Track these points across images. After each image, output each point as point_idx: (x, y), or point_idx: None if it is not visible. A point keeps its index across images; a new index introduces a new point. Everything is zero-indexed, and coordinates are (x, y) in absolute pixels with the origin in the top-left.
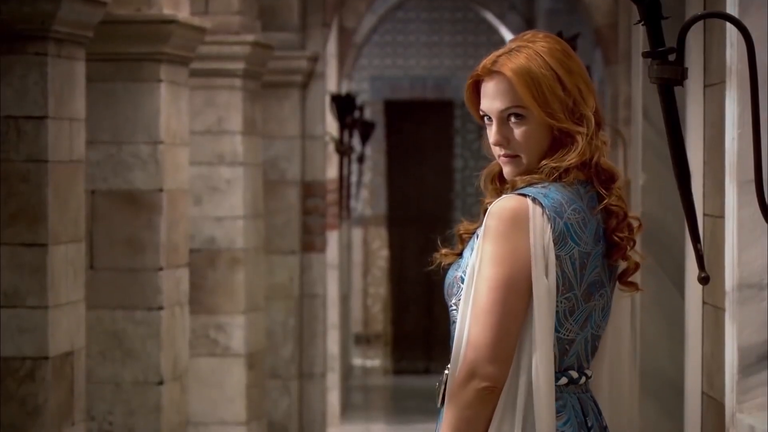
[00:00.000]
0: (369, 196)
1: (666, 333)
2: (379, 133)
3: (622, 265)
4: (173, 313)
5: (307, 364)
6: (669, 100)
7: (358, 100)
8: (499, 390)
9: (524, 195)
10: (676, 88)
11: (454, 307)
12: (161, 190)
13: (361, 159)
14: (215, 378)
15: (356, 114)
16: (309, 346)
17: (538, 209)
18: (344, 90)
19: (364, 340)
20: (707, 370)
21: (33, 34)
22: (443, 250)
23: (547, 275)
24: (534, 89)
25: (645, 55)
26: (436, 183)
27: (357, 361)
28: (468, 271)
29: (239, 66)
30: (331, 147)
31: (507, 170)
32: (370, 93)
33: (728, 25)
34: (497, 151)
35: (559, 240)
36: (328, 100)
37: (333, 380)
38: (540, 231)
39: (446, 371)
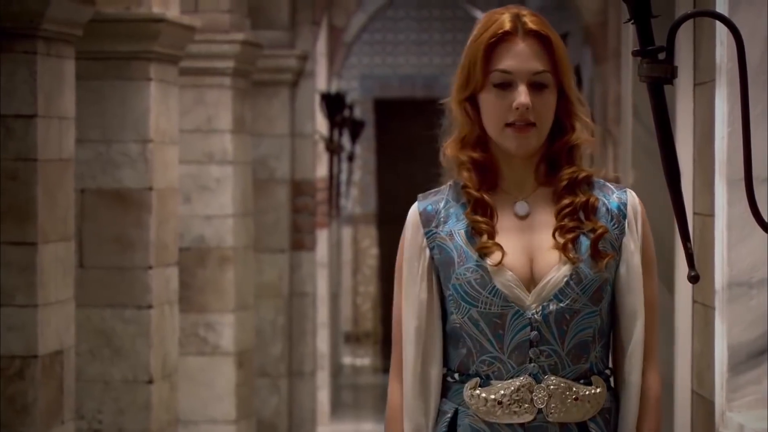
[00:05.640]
0: (358, 194)
1: None
2: (368, 132)
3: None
4: (162, 311)
5: (296, 362)
6: (659, 98)
7: (348, 99)
8: None
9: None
10: (666, 87)
11: (595, 310)
12: (150, 189)
13: (350, 157)
14: (205, 376)
15: (346, 112)
16: (298, 344)
17: None
18: (334, 88)
19: (353, 339)
20: (697, 369)
21: (22, 32)
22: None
23: None
24: (567, 58)
25: (634, 53)
26: (425, 181)
27: (347, 359)
28: (626, 270)
29: (228, 64)
30: (321, 145)
31: (522, 142)
32: (359, 91)
33: (718, 23)
34: (512, 117)
35: None
36: (317, 98)
37: (322, 379)
38: None
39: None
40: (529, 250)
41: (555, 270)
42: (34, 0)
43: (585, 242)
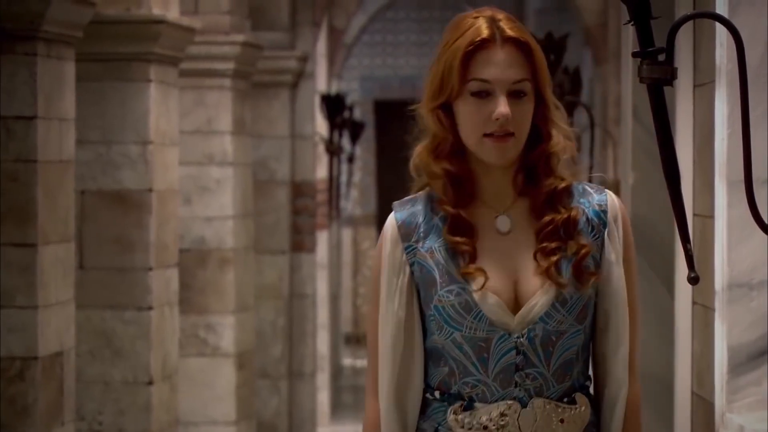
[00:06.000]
0: (358, 195)
1: (656, 333)
2: (368, 133)
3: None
4: (163, 312)
5: (296, 363)
6: (658, 99)
7: (348, 100)
8: None
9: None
10: (666, 88)
11: (580, 329)
12: (151, 190)
13: (350, 159)
14: (205, 378)
15: (346, 114)
16: (298, 345)
17: None
18: (334, 90)
19: (353, 340)
20: (697, 370)
21: (22, 33)
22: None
23: None
24: (544, 63)
25: (634, 54)
26: None
27: (347, 360)
28: (608, 284)
29: (229, 66)
30: (321, 147)
31: (501, 152)
32: (359, 93)
33: (718, 24)
34: (491, 128)
35: None
36: (317, 99)
37: (323, 380)
38: None
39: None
40: (513, 271)
41: (540, 294)
42: (34, 1)
43: (568, 263)
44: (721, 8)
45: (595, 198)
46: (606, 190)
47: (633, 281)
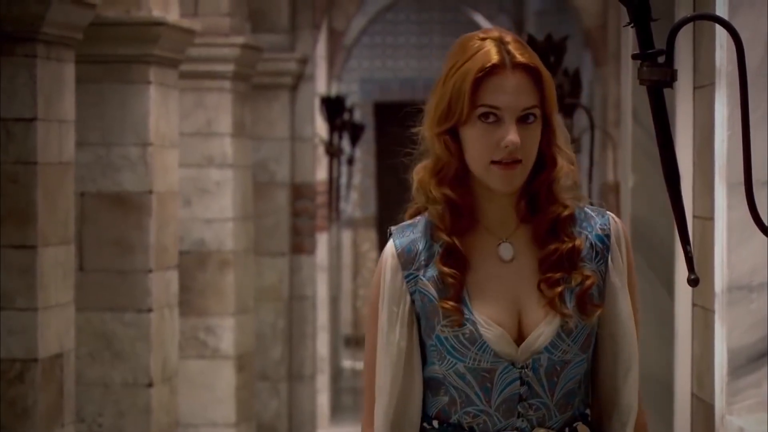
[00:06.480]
0: (358, 197)
1: (655, 334)
2: (368, 135)
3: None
4: (162, 315)
5: (296, 365)
6: (658, 101)
7: (348, 102)
8: None
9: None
10: (666, 90)
11: (584, 357)
12: (150, 192)
13: (350, 161)
14: (205, 380)
15: (345, 116)
16: (298, 347)
17: None
18: (334, 92)
19: (353, 342)
20: (697, 372)
21: (22, 35)
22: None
23: None
24: (553, 88)
25: (634, 56)
26: None
27: (346, 362)
28: (613, 311)
29: (228, 68)
30: (321, 149)
31: (508, 180)
32: (359, 95)
33: (718, 26)
34: (499, 155)
35: None
36: (317, 102)
37: (322, 382)
38: None
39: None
40: (516, 301)
41: (545, 324)
42: (34, 3)
43: (572, 294)
44: (721, 10)
45: (597, 222)
46: (607, 212)
47: (636, 304)
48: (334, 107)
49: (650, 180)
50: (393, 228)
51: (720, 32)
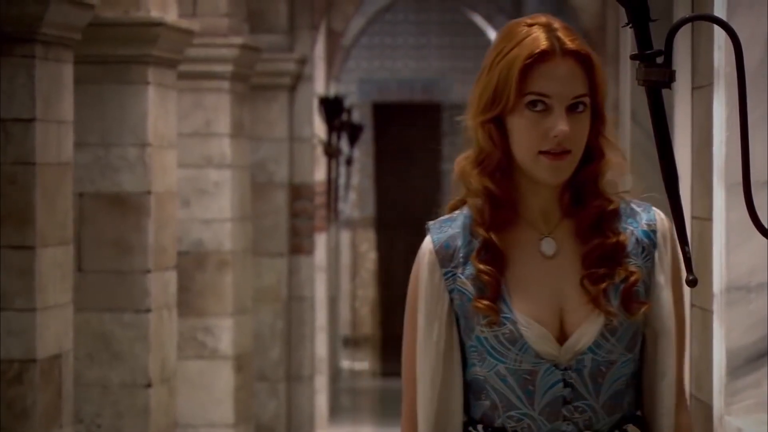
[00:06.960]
0: (357, 198)
1: None
2: (367, 136)
3: None
4: (161, 315)
5: (295, 366)
6: (657, 102)
7: (346, 103)
8: None
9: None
10: (664, 91)
11: (630, 357)
12: (149, 193)
13: (349, 161)
14: (203, 380)
15: (344, 116)
16: (297, 348)
17: None
18: (332, 92)
19: (352, 343)
20: (695, 373)
21: (20, 36)
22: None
23: None
24: (604, 77)
25: (632, 57)
26: (423, 185)
27: (345, 363)
28: (658, 309)
29: (227, 68)
30: (319, 149)
31: (556, 171)
32: (358, 95)
33: (716, 27)
34: (548, 145)
35: None
36: (316, 102)
37: (321, 383)
38: None
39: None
40: (558, 299)
41: (589, 322)
42: (33, 4)
43: (617, 291)
44: (720, 11)
45: (643, 218)
46: (653, 207)
47: (681, 302)
48: (332, 108)
49: (649, 181)
50: (430, 223)
51: (718, 33)
